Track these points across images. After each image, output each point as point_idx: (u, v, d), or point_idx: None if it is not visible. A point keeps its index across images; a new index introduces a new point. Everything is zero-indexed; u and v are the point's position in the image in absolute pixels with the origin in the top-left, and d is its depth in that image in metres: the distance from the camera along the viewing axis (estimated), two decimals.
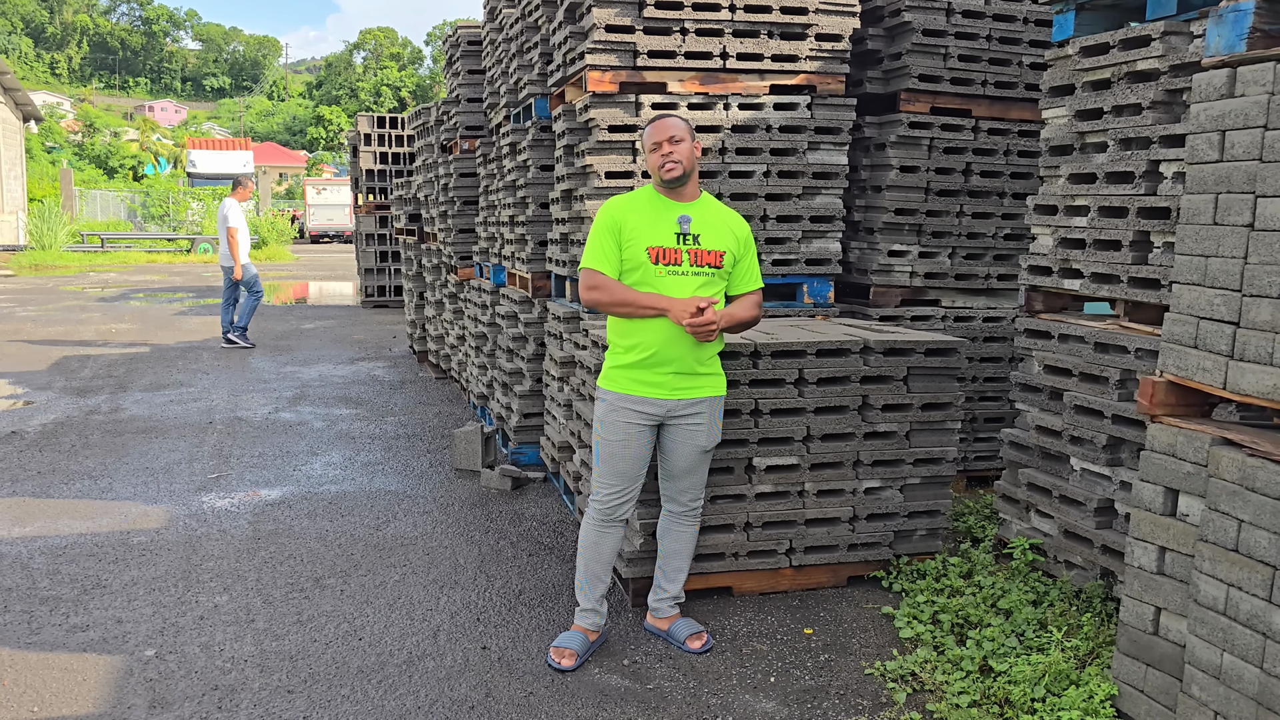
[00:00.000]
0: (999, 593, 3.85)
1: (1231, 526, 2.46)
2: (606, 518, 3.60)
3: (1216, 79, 2.59)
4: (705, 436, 3.59)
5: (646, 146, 3.52)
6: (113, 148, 61.63)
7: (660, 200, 3.54)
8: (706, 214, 3.55)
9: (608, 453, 3.55)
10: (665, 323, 3.42)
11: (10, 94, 32.51)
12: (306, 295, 18.51)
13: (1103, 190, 3.73)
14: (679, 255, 3.45)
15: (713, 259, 3.50)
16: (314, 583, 4.37)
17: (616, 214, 3.49)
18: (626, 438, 3.51)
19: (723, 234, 3.55)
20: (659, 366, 3.46)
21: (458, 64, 8.25)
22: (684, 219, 3.48)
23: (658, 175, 3.49)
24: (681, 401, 3.51)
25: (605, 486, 3.58)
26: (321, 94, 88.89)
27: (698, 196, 3.58)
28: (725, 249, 3.53)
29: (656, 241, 3.45)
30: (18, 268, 22.69)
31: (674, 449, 3.59)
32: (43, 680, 3.45)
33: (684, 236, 3.47)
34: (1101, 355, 3.75)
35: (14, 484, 5.80)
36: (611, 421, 3.53)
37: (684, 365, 3.48)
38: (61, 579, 4.37)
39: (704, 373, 3.55)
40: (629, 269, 3.46)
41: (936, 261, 5.63)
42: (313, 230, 38.30)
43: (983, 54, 5.49)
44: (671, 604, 3.80)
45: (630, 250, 3.44)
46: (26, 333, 12.28)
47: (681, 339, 3.44)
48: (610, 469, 3.56)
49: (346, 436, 7.11)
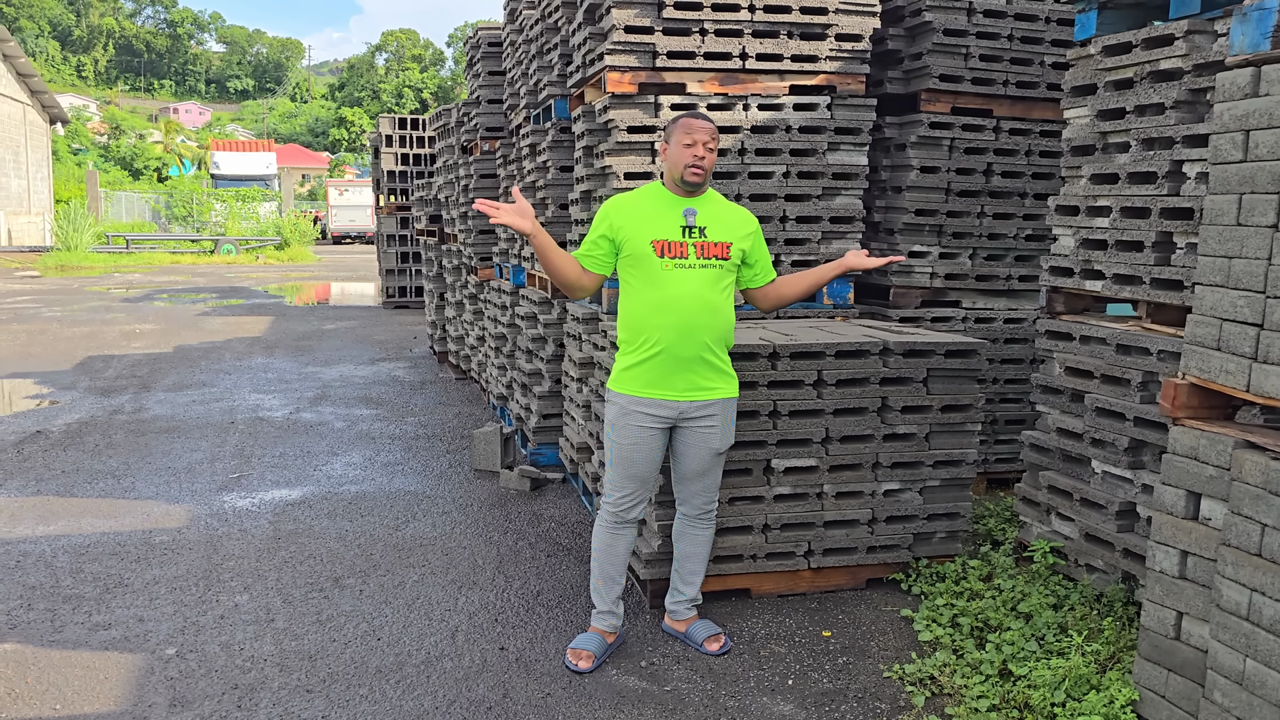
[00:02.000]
0: (1019, 596, 3.82)
1: (1255, 530, 2.43)
2: (619, 519, 3.60)
3: (1240, 78, 2.56)
4: (719, 439, 3.57)
5: (678, 141, 3.45)
6: (138, 149, 62.22)
7: (667, 196, 3.54)
8: (713, 208, 3.55)
9: (620, 456, 3.54)
10: (672, 316, 3.40)
11: (37, 96, 32.93)
12: (328, 296, 18.62)
13: (1125, 191, 3.70)
14: (685, 248, 3.43)
15: (720, 250, 3.48)
16: (333, 582, 4.39)
17: (613, 212, 3.50)
18: (639, 440, 3.49)
19: (729, 226, 3.53)
20: (670, 364, 3.43)
21: (478, 65, 8.27)
22: (689, 211, 3.48)
23: (681, 173, 3.45)
24: (694, 403, 3.49)
25: (617, 489, 3.58)
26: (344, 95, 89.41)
27: (705, 194, 3.58)
28: (732, 240, 3.51)
29: (661, 235, 3.43)
30: (44, 269, 22.93)
31: (687, 452, 3.58)
32: (65, 678, 3.49)
33: (690, 229, 3.46)
34: (1123, 357, 3.72)
35: (39, 483, 5.86)
36: (623, 425, 3.51)
37: (697, 362, 3.45)
38: (84, 577, 4.41)
39: (716, 372, 3.52)
40: (633, 263, 3.46)
41: (957, 262, 5.60)
42: (335, 231, 38.53)
43: (1004, 53, 5.45)
44: (689, 606, 3.79)
45: (632, 245, 3.43)
46: (52, 333, 12.41)
47: (692, 333, 3.42)
48: (622, 472, 3.55)
49: (367, 437, 7.14)
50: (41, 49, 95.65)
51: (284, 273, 24.05)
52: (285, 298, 17.91)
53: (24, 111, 31.69)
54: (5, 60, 29.94)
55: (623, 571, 3.67)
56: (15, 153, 30.71)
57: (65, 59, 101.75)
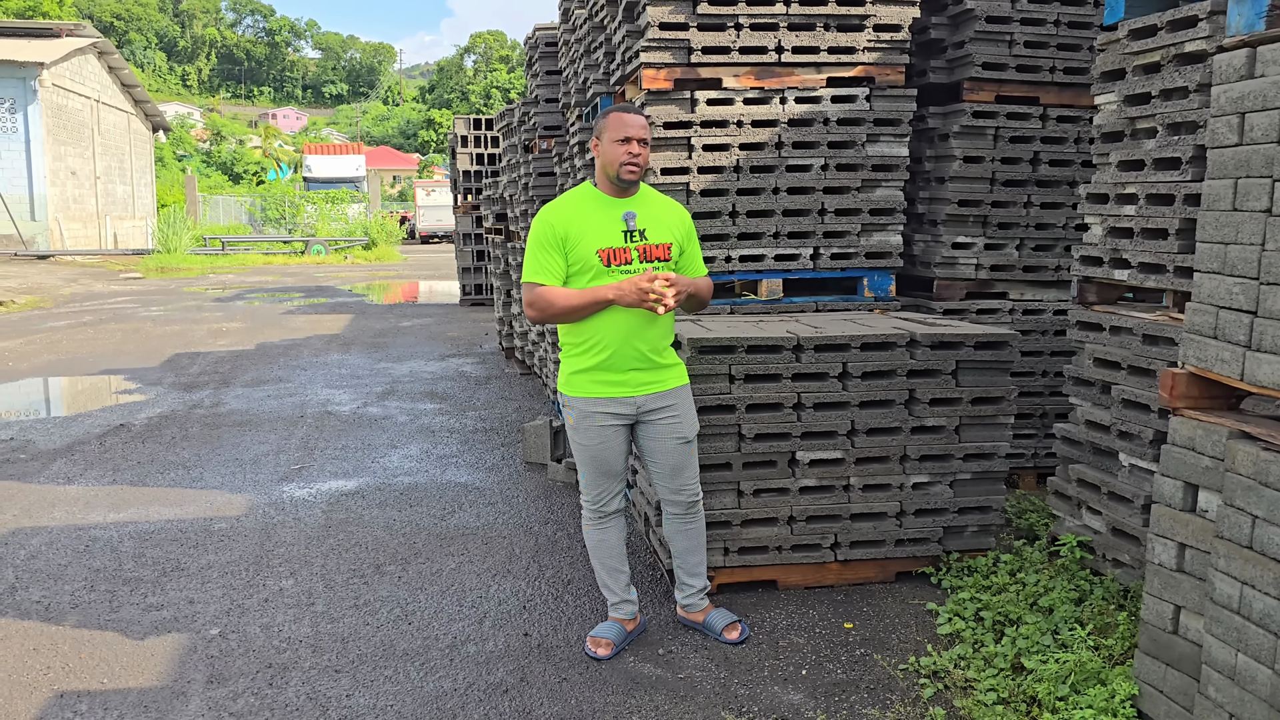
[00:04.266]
0: (1041, 590, 3.77)
1: (1246, 522, 2.38)
2: (601, 515, 3.67)
3: (1236, 59, 2.50)
4: (684, 426, 3.59)
5: (610, 138, 3.40)
6: (238, 155, 64.50)
7: (602, 199, 3.49)
8: (649, 207, 3.53)
9: (587, 457, 3.57)
10: (618, 318, 3.40)
11: (141, 106, 34.40)
12: (409, 295, 19.07)
13: (1150, 177, 3.62)
14: (628, 254, 3.43)
15: (661, 252, 3.49)
16: (375, 569, 4.55)
17: (557, 221, 3.43)
18: (604, 439, 3.52)
19: (667, 225, 3.53)
20: (619, 364, 3.44)
21: (536, 65, 8.42)
22: (629, 215, 3.45)
23: (615, 171, 3.40)
24: (651, 396, 3.52)
25: (593, 488, 3.63)
26: (434, 98, 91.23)
27: (638, 191, 3.54)
28: (671, 240, 3.52)
29: (605, 243, 3.41)
30: (145, 270, 23.99)
31: (655, 446, 3.59)
32: (115, 654, 3.71)
33: (630, 234, 3.44)
34: (1150, 347, 3.64)
35: (115, 473, 6.19)
36: (585, 427, 3.53)
37: (643, 360, 3.47)
38: (145, 561, 4.66)
39: (665, 364, 3.55)
40: (578, 273, 3.42)
41: (1003, 253, 5.51)
42: (423, 231, 39.34)
43: (1050, 39, 5.34)
44: (701, 595, 3.84)
45: (577, 254, 3.40)
46: (145, 331, 13.00)
47: (637, 332, 3.43)
48: (594, 472, 3.59)
49: (427, 430, 7.34)
50: (149, 60, 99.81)
51: (370, 272, 24.69)
52: (367, 296, 18.41)
53: (128, 121, 33.15)
54: (111, 72, 31.37)
55: (623, 560, 3.73)
56: (121, 160, 32.15)
57: (171, 69, 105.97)
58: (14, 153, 25.43)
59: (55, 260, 24.23)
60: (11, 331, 12.97)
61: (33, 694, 3.41)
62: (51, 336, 12.48)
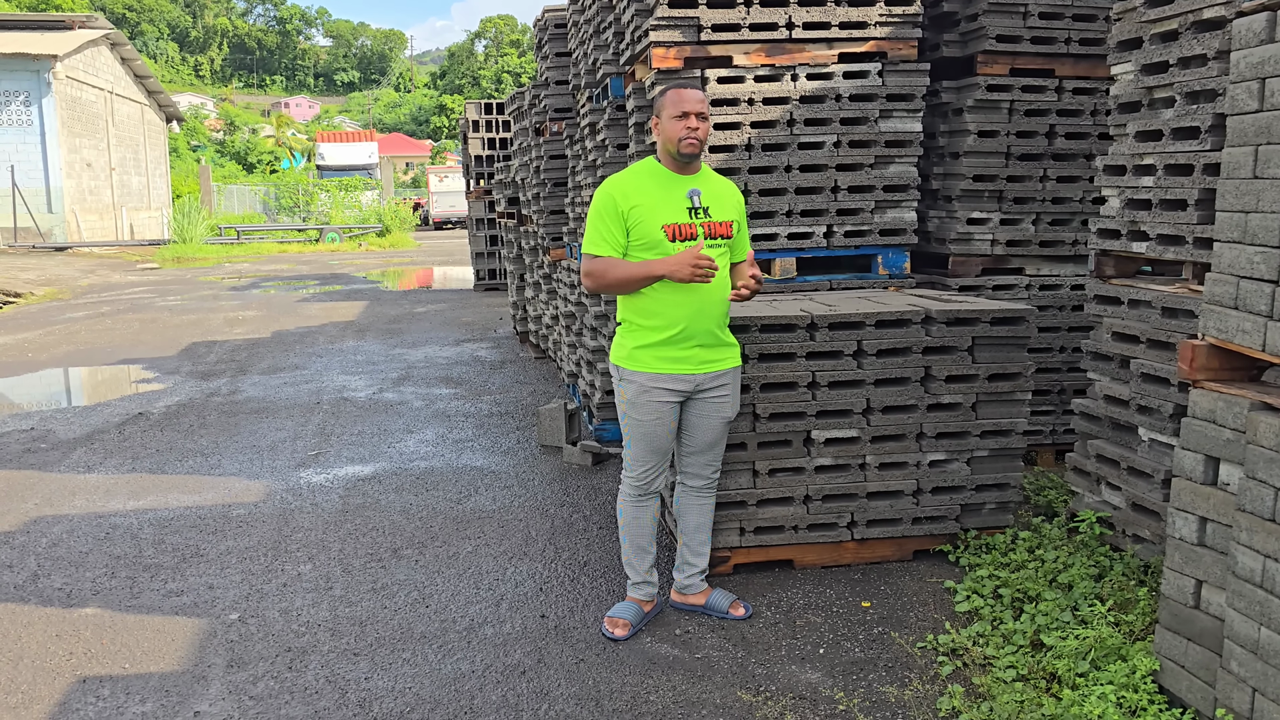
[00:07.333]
0: (1060, 567, 3.75)
1: (1269, 495, 2.34)
2: (643, 492, 3.66)
3: (1256, 24, 2.45)
4: (730, 407, 3.63)
5: (669, 114, 3.41)
6: (251, 144, 64.62)
7: (667, 175, 3.50)
8: (711, 186, 3.55)
9: (640, 432, 3.57)
10: (690, 297, 3.42)
11: (154, 97, 34.48)
12: (423, 280, 19.09)
13: (1169, 147, 3.56)
14: (694, 229, 3.45)
15: (724, 229, 3.50)
16: (392, 553, 4.56)
17: (619, 194, 3.44)
18: (659, 416, 3.53)
19: (728, 204, 3.55)
20: (686, 342, 3.47)
21: (545, 47, 8.38)
22: (694, 192, 3.47)
23: (675, 147, 3.41)
24: (709, 375, 3.53)
25: (640, 464, 3.62)
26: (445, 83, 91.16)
27: (699, 169, 3.56)
28: (733, 218, 3.54)
29: (671, 218, 3.43)
30: (161, 260, 24.08)
31: (700, 423, 3.61)
32: (136, 639, 3.73)
33: (696, 210, 3.46)
34: (1169, 320, 3.60)
35: (134, 460, 6.23)
36: (643, 402, 3.52)
37: (710, 338, 3.51)
38: (165, 548, 4.68)
39: (726, 343, 3.58)
40: (643, 248, 3.43)
41: (1019, 229, 5.45)
42: (436, 217, 39.36)
43: (1066, 10, 5.26)
44: (702, 578, 3.84)
45: (642, 229, 3.41)
46: (163, 321, 13.06)
47: (708, 310, 3.46)
48: (645, 448, 3.59)
49: (442, 415, 7.35)
50: (161, 51, 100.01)
51: (384, 259, 24.73)
52: (382, 283, 18.44)
53: (142, 112, 33.23)
54: (124, 64, 31.43)
55: (652, 541, 3.73)
56: (135, 151, 32.25)
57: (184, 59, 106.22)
58: (30, 145, 25.55)
59: (73, 252, 24.36)
60: (31, 323, 13.07)
61: (56, 679, 3.44)
62: (70, 327, 12.56)
